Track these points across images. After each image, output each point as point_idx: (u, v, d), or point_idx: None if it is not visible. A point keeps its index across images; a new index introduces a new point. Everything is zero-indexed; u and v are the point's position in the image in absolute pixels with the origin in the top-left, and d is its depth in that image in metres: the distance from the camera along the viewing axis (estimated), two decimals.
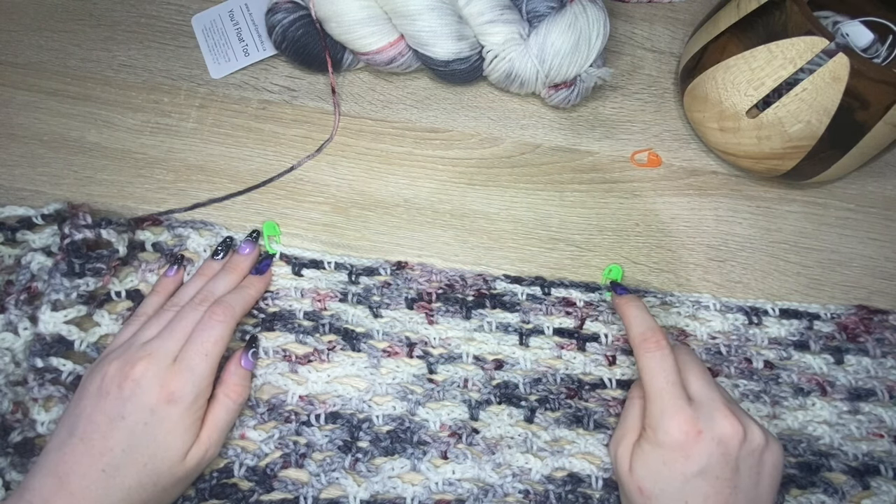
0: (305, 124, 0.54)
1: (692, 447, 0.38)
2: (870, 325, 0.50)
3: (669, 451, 0.38)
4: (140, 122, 0.53)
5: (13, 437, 0.41)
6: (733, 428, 0.38)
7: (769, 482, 0.39)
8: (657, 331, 0.41)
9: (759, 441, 0.38)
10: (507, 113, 0.56)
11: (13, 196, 0.50)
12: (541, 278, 0.50)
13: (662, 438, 0.38)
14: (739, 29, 0.49)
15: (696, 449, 0.38)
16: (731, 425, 0.38)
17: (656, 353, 0.40)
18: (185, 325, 0.42)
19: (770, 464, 0.39)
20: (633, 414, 0.42)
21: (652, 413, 0.39)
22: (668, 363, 0.40)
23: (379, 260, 0.50)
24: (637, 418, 0.42)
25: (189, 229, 0.49)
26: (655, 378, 0.40)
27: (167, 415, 0.39)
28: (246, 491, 0.43)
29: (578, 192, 0.54)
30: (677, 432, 0.38)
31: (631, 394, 0.44)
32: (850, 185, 0.55)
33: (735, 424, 0.38)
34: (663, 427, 0.38)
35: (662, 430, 0.38)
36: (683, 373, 0.41)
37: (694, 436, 0.38)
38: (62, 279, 0.44)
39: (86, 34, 0.56)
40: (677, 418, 0.38)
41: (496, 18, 0.50)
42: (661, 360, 0.40)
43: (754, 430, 0.39)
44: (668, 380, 0.39)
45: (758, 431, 0.39)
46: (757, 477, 0.38)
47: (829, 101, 0.45)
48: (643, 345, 0.41)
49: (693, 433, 0.38)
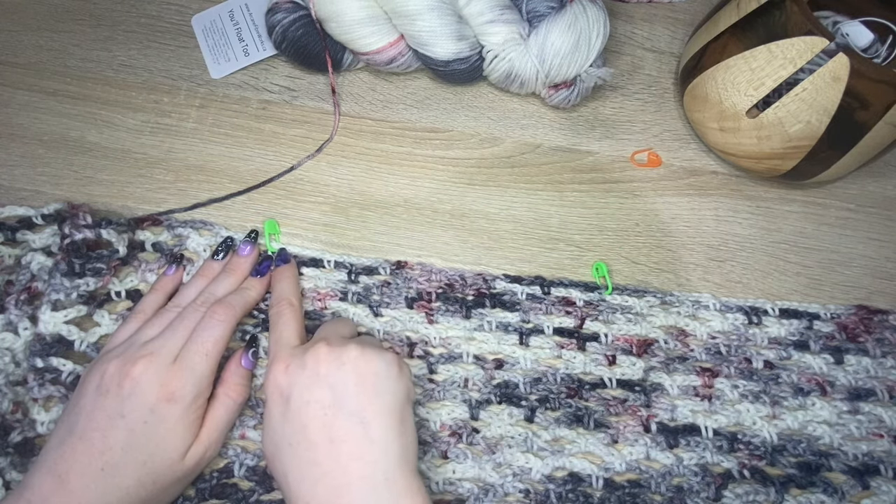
0: (305, 124, 0.54)
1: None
2: (870, 325, 0.50)
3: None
4: (140, 122, 0.53)
5: (13, 437, 0.41)
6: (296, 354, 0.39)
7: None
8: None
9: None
10: (507, 113, 0.56)
11: (13, 196, 0.50)
12: (540, 278, 0.50)
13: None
14: (739, 29, 0.49)
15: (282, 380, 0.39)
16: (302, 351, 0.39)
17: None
18: (185, 325, 0.42)
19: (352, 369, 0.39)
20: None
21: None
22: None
23: (378, 259, 0.50)
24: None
25: (189, 229, 0.49)
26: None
27: (167, 414, 0.39)
28: (246, 491, 0.43)
29: (578, 192, 0.54)
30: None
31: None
32: (850, 185, 0.55)
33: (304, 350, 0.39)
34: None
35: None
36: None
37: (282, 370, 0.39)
38: (62, 279, 0.44)
39: (86, 34, 0.56)
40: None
41: (496, 18, 0.51)
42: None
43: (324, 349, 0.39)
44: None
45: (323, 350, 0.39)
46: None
47: (829, 101, 0.45)
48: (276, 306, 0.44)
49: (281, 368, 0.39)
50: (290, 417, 0.38)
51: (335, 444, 0.36)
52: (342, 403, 0.37)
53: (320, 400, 0.37)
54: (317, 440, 0.37)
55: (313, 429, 0.37)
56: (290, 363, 0.39)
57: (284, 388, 0.38)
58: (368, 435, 0.37)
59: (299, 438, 0.37)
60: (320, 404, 0.37)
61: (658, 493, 0.44)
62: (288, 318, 0.43)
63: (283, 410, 0.38)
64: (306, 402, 0.37)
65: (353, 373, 0.38)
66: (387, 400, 0.38)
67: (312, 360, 0.38)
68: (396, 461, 0.36)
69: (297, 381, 0.38)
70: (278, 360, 0.40)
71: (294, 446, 0.37)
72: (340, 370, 0.38)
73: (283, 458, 0.37)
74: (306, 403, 0.37)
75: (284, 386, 0.38)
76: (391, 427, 0.37)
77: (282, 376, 0.39)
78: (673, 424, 0.46)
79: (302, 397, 0.38)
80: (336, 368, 0.38)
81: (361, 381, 0.38)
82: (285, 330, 0.42)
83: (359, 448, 0.36)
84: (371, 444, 0.36)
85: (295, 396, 0.38)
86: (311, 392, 0.38)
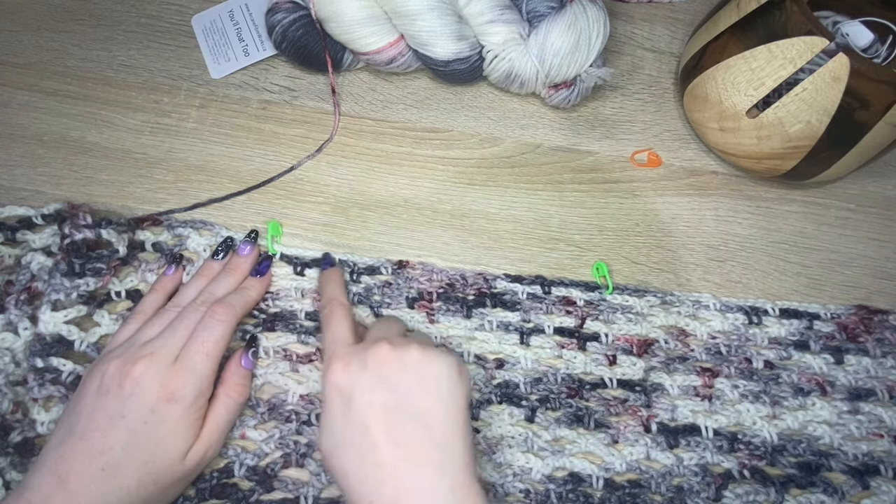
0: (305, 124, 0.54)
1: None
2: (870, 325, 0.50)
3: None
4: (140, 122, 0.53)
5: (13, 437, 0.41)
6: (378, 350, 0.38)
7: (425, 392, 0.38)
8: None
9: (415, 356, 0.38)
10: (507, 113, 0.56)
11: (13, 196, 0.50)
12: (541, 277, 0.50)
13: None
14: (739, 29, 0.49)
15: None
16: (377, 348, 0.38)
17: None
18: (186, 325, 0.42)
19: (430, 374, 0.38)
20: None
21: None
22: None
23: (380, 259, 0.50)
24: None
25: (189, 229, 0.49)
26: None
27: (168, 414, 0.39)
28: (246, 491, 0.43)
29: (578, 192, 0.54)
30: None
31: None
32: (850, 185, 0.56)
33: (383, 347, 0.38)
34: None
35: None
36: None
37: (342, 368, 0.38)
38: (62, 279, 0.44)
39: (86, 34, 0.56)
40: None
41: (496, 18, 0.51)
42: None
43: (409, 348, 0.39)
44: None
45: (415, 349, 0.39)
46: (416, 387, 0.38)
47: (829, 101, 0.45)
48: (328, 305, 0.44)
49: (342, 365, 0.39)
50: (351, 418, 0.37)
51: (399, 447, 0.36)
52: (405, 406, 0.37)
53: (383, 402, 0.37)
54: (380, 442, 0.36)
55: (376, 431, 0.36)
56: (350, 361, 0.38)
57: (345, 387, 0.38)
58: (433, 439, 0.36)
59: (361, 439, 0.36)
60: (383, 406, 0.37)
61: (658, 494, 0.44)
62: (340, 316, 0.43)
63: (343, 410, 0.37)
64: (368, 403, 0.37)
65: (416, 375, 0.37)
66: (450, 403, 0.37)
67: (374, 359, 0.38)
68: (462, 466, 0.36)
69: (358, 380, 0.38)
70: (337, 358, 0.39)
71: (356, 447, 0.37)
72: (404, 372, 0.37)
73: (343, 458, 0.37)
74: (369, 405, 0.37)
75: (344, 385, 0.38)
76: (455, 431, 0.37)
77: (341, 375, 0.38)
78: (673, 424, 0.46)
79: (364, 398, 0.37)
80: (399, 370, 0.37)
81: (424, 384, 0.37)
82: (338, 328, 0.42)
83: (425, 452, 0.36)
84: (436, 448, 0.36)
85: (356, 396, 0.37)
86: (373, 393, 0.37)
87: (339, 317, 0.43)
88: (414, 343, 0.39)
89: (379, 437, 0.36)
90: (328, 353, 0.41)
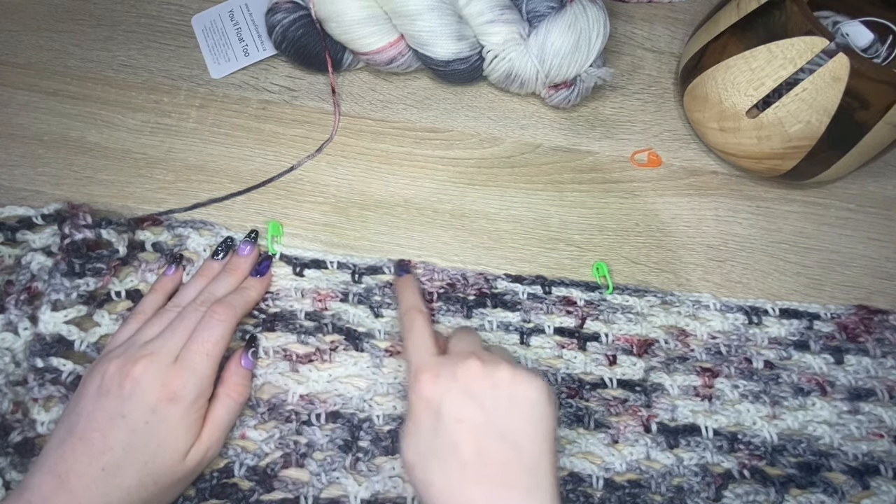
0: (305, 124, 0.54)
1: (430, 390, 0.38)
2: (870, 325, 0.50)
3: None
4: (140, 122, 0.53)
5: (13, 437, 0.41)
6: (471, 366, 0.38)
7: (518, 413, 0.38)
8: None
9: (506, 375, 0.38)
10: (507, 113, 0.56)
11: (13, 196, 0.50)
12: (541, 277, 0.50)
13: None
14: (739, 29, 0.49)
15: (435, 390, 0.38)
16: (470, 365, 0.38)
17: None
18: (186, 325, 0.42)
19: (522, 396, 0.38)
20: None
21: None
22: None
23: (382, 259, 0.50)
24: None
25: (189, 229, 0.49)
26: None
27: (168, 414, 0.39)
28: (246, 491, 0.43)
29: (578, 192, 0.54)
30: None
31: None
32: (850, 185, 0.56)
33: (474, 363, 0.38)
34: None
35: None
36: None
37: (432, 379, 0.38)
38: (62, 279, 0.44)
39: (86, 34, 0.56)
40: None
41: (496, 18, 0.51)
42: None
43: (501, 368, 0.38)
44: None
45: (506, 369, 0.38)
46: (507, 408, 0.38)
47: (829, 101, 0.45)
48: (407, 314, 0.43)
49: (431, 377, 0.38)
50: (440, 432, 0.37)
51: (488, 468, 0.36)
52: (495, 425, 0.36)
53: (473, 419, 0.36)
54: (468, 460, 0.36)
55: (465, 448, 0.36)
56: (440, 373, 0.38)
57: (433, 399, 0.37)
58: (522, 462, 0.36)
59: (449, 455, 0.36)
60: (473, 423, 0.36)
61: (658, 494, 0.44)
62: (421, 325, 0.42)
63: (432, 423, 0.37)
64: (458, 419, 0.37)
65: (507, 395, 0.37)
66: (539, 427, 0.37)
67: (464, 375, 0.38)
68: (548, 491, 0.36)
69: (447, 394, 0.37)
70: (425, 369, 0.38)
71: (443, 461, 0.36)
72: (494, 390, 0.37)
73: (429, 470, 0.36)
74: (458, 421, 0.37)
75: (433, 397, 0.37)
76: (543, 454, 0.36)
77: (430, 387, 0.38)
78: (673, 424, 0.46)
79: (453, 413, 0.37)
80: (489, 388, 0.37)
81: (515, 405, 0.37)
82: (420, 337, 0.41)
83: (513, 475, 0.36)
84: (525, 472, 0.36)
85: (445, 410, 0.37)
86: (463, 409, 0.37)
87: (420, 325, 0.42)
88: (504, 362, 0.38)
89: (468, 456, 0.36)
90: (413, 362, 0.40)
